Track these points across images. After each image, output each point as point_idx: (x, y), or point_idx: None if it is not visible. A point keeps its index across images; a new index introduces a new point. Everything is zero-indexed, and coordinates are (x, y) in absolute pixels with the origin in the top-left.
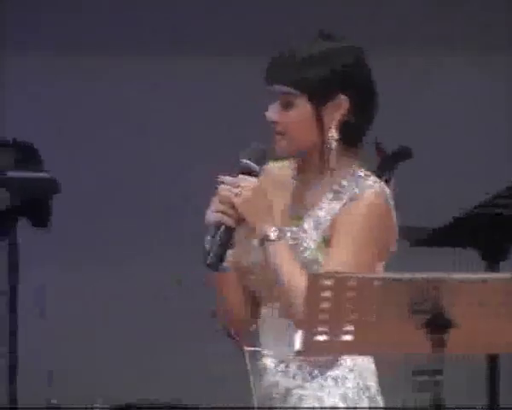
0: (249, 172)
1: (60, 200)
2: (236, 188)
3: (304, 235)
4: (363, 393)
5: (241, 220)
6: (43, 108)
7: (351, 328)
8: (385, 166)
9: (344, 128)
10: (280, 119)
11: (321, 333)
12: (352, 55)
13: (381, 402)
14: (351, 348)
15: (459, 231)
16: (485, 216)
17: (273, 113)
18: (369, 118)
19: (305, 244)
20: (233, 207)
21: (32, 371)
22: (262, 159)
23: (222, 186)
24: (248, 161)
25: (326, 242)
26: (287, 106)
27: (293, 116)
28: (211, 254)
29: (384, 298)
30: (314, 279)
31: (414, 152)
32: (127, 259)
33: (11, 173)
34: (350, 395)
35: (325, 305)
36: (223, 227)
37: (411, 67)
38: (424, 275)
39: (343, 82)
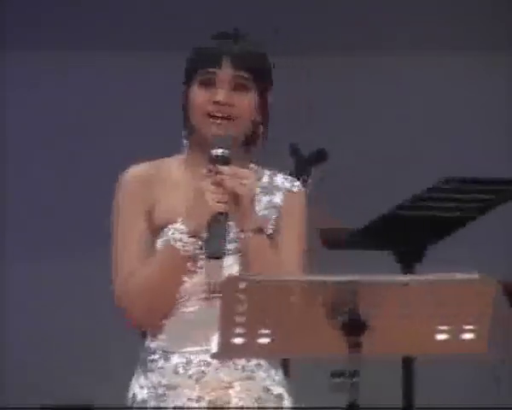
0: (227, 163)
1: (60, 199)
2: (241, 179)
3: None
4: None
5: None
6: (43, 107)
7: (268, 331)
8: (301, 169)
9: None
10: (235, 102)
11: (238, 336)
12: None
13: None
14: (269, 351)
15: (375, 234)
16: (401, 218)
17: (226, 96)
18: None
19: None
20: (233, 196)
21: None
22: (230, 147)
23: (228, 177)
24: (226, 151)
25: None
26: (241, 90)
27: (247, 100)
28: (218, 243)
29: (302, 300)
30: (229, 282)
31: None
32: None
33: None
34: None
35: (241, 307)
36: (223, 216)
37: (411, 66)
38: (341, 277)
39: (271, 76)
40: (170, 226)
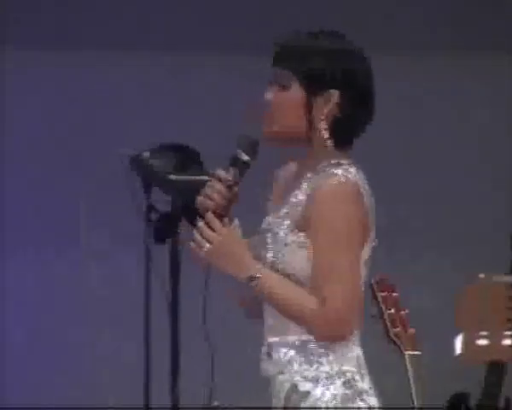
0: (242, 164)
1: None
2: (209, 233)
3: (278, 221)
4: (339, 378)
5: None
6: (43, 105)
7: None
8: None
9: (334, 125)
10: (274, 99)
11: (482, 337)
12: (352, 55)
13: (365, 392)
14: None
15: None
16: None
17: (269, 93)
18: (359, 119)
19: (276, 229)
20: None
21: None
22: (254, 150)
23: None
24: (241, 152)
25: (298, 227)
26: (283, 88)
27: (286, 98)
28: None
29: None
30: (472, 288)
31: None
32: None
33: (172, 177)
34: (323, 377)
35: (486, 310)
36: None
37: (411, 67)
38: None
39: (338, 78)
40: None
